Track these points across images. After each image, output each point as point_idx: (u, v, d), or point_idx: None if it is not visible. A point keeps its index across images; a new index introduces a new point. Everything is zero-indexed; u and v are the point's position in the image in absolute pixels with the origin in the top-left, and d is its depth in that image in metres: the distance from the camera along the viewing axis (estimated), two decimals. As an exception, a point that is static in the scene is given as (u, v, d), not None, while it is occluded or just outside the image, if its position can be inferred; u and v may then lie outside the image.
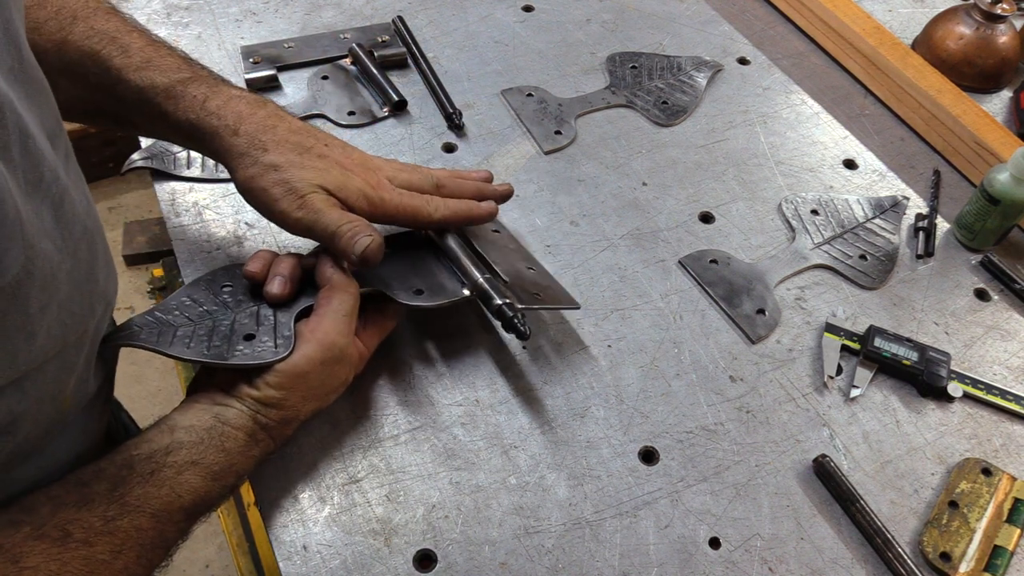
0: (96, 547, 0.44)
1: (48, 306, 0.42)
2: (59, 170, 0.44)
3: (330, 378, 0.57)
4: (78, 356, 0.48)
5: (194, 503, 0.49)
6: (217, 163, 0.77)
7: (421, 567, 0.55)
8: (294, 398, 0.55)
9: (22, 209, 0.38)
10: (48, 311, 0.42)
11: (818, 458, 0.62)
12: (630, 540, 0.58)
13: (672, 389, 0.66)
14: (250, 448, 0.53)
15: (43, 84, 0.45)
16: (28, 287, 0.40)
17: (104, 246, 0.51)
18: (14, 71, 0.42)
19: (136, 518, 0.46)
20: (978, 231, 0.78)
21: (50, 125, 0.46)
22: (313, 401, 0.56)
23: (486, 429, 0.62)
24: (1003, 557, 0.58)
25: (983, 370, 0.70)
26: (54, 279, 0.43)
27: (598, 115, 0.88)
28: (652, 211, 0.79)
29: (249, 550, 1.38)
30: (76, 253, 0.46)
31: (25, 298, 0.40)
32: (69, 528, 0.44)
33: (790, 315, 0.73)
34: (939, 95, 0.89)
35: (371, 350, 0.61)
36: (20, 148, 0.40)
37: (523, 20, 0.99)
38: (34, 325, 0.41)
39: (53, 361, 0.45)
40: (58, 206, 0.43)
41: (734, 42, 1.00)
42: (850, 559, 0.58)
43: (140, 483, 0.47)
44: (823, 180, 0.85)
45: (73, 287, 0.45)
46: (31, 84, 0.44)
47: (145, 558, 0.47)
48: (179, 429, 0.51)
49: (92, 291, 0.48)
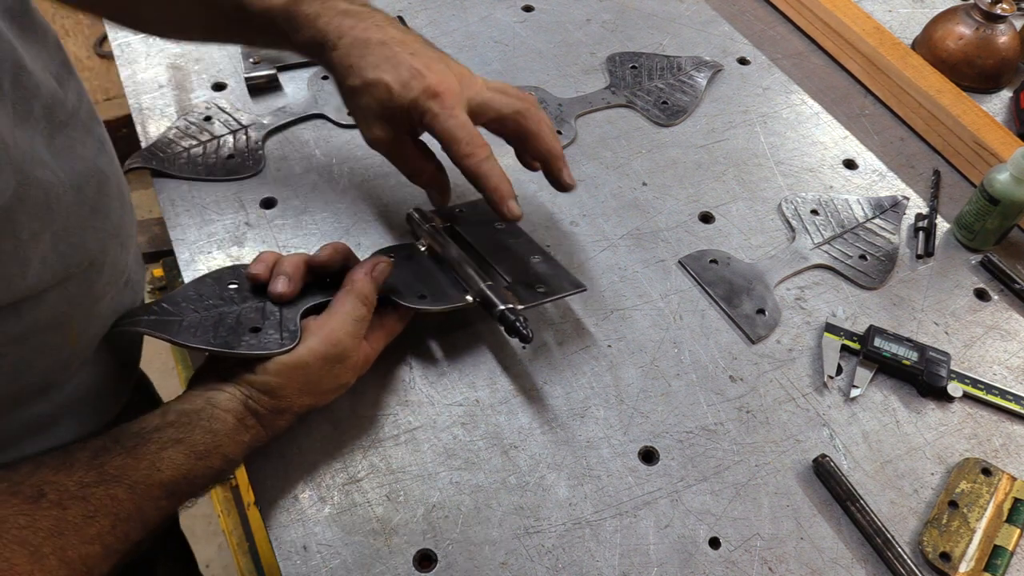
0: (69, 510, 0.44)
1: (40, 234, 0.44)
2: (61, 108, 0.46)
3: (330, 376, 0.57)
4: (83, 289, 0.49)
5: (174, 479, 0.49)
6: (217, 163, 0.77)
7: (421, 567, 0.55)
8: (290, 388, 0.55)
9: (9, 136, 0.40)
10: (41, 239, 0.44)
11: (818, 458, 0.62)
12: (630, 540, 0.58)
13: (672, 389, 0.66)
14: (239, 433, 0.53)
15: (45, 28, 0.47)
16: (19, 212, 0.41)
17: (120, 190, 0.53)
18: (12, 11, 0.43)
19: (112, 487, 0.46)
20: (978, 231, 0.78)
21: (56, 67, 0.47)
22: (309, 396, 0.56)
23: (486, 429, 0.62)
24: (1003, 557, 0.58)
25: (983, 370, 0.70)
26: (48, 209, 0.44)
27: (598, 115, 0.88)
28: (652, 211, 0.79)
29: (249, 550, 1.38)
30: (82, 189, 0.47)
31: (16, 223, 0.41)
32: (44, 488, 0.44)
33: (790, 315, 0.73)
34: (939, 95, 0.89)
35: (376, 352, 0.61)
36: (11, 79, 0.41)
37: (523, 20, 0.99)
38: (27, 251, 0.43)
39: (53, 291, 0.46)
40: (50, 138, 0.44)
41: (734, 42, 1.00)
42: (850, 559, 0.58)
43: (121, 455, 0.48)
44: (823, 180, 0.85)
45: (74, 220, 0.47)
46: (33, 27, 0.45)
47: (120, 529, 0.46)
48: (171, 412, 0.52)
49: (101, 227, 0.49)
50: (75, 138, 0.48)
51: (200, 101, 0.83)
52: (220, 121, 0.81)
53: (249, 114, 0.82)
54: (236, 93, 0.85)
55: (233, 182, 0.76)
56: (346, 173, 0.78)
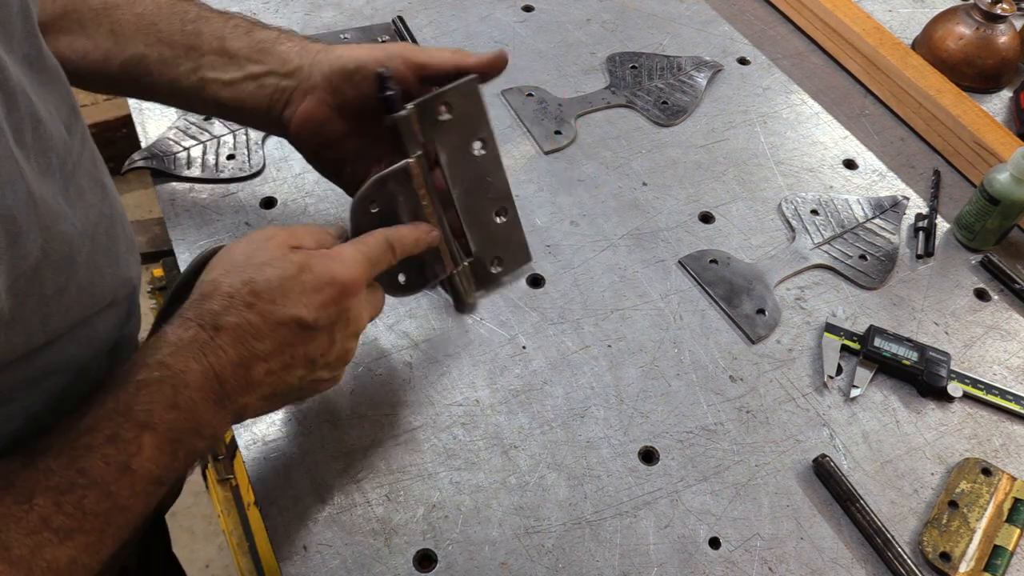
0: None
1: (66, 288, 0.43)
2: (69, 156, 0.45)
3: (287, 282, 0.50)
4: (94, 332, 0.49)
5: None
6: (217, 163, 0.77)
7: (421, 567, 0.55)
8: (225, 272, 0.50)
9: (36, 192, 0.39)
10: (67, 293, 0.43)
11: (818, 458, 0.62)
12: (630, 540, 0.58)
13: (672, 389, 0.66)
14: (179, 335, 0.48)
15: (58, 72, 0.46)
16: (45, 269, 0.40)
17: (126, 232, 0.52)
18: (29, 58, 0.42)
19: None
20: (978, 231, 0.78)
21: (65, 112, 0.46)
22: (237, 274, 0.50)
23: (486, 429, 0.62)
24: (1003, 557, 0.58)
25: (983, 370, 0.70)
26: (72, 262, 0.43)
27: (598, 115, 0.88)
28: (652, 211, 0.79)
29: (249, 550, 1.38)
30: (94, 237, 0.46)
31: (42, 280, 0.40)
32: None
33: (790, 315, 0.73)
34: (939, 95, 0.89)
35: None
36: (32, 132, 0.40)
37: (523, 20, 0.99)
38: (50, 306, 0.42)
39: (66, 335, 0.45)
40: (64, 189, 0.44)
41: (734, 42, 1.00)
42: (850, 559, 0.58)
43: None
44: (823, 180, 0.85)
45: (93, 270, 0.46)
46: (46, 72, 0.44)
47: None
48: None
49: (113, 272, 0.49)
50: (84, 186, 0.47)
51: (200, 101, 0.83)
52: (220, 121, 0.81)
53: (249, 114, 0.82)
54: (236, 93, 0.85)
55: (233, 182, 0.77)
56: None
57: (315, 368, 0.52)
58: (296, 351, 0.50)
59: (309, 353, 0.51)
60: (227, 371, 0.47)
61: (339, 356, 0.53)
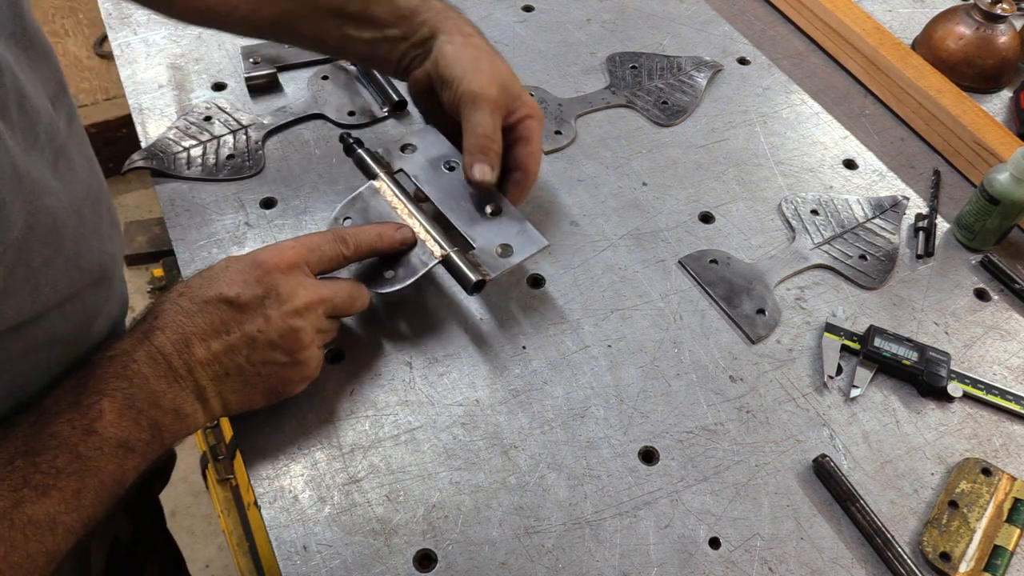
0: None
1: (53, 260, 0.45)
2: (57, 131, 0.46)
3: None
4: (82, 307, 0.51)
5: None
6: (217, 163, 0.77)
7: (421, 567, 0.55)
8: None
9: (21, 165, 0.40)
10: (53, 265, 0.45)
11: (818, 458, 0.62)
12: (630, 540, 0.58)
13: (672, 389, 0.66)
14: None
15: (45, 48, 0.48)
16: (31, 241, 0.42)
17: (110, 209, 0.54)
18: (15, 35, 0.44)
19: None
20: (978, 231, 0.78)
21: (52, 88, 0.47)
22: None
23: (486, 429, 0.62)
24: (1003, 557, 0.58)
25: (983, 370, 0.70)
26: (57, 235, 0.45)
27: (598, 115, 0.88)
28: (652, 211, 0.79)
29: (249, 550, 1.38)
30: (80, 211, 0.48)
31: (29, 252, 0.42)
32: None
33: (790, 315, 0.73)
34: (939, 95, 0.89)
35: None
36: (17, 107, 0.42)
37: (523, 20, 0.99)
38: (38, 278, 0.44)
39: (55, 310, 0.47)
40: (53, 164, 0.45)
41: (734, 42, 1.00)
42: (850, 559, 0.58)
43: None
44: (823, 180, 0.85)
45: (80, 243, 0.48)
46: (32, 48, 0.46)
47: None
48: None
49: (99, 247, 0.51)
50: (74, 159, 0.48)
51: (200, 101, 0.83)
52: (220, 121, 0.81)
53: (249, 114, 0.82)
54: (236, 93, 0.85)
55: (233, 182, 0.77)
56: (346, 173, 0.78)
57: (257, 346, 0.54)
58: (231, 328, 0.54)
59: (246, 331, 0.54)
60: (168, 348, 0.51)
61: (284, 334, 0.55)
